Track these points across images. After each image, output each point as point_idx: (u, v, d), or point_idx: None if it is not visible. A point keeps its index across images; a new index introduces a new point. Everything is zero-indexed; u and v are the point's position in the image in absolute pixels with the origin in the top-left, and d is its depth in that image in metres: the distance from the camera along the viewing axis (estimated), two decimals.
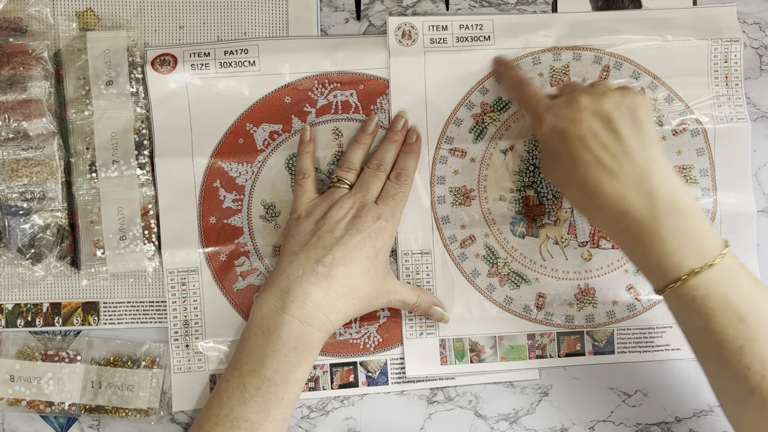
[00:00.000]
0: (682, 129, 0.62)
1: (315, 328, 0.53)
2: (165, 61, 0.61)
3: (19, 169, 0.59)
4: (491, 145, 0.62)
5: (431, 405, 0.62)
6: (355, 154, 0.60)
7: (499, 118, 0.62)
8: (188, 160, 0.61)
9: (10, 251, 0.59)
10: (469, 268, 0.62)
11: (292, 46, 0.62)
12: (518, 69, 0.60)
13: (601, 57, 0.62)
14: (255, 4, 0.62)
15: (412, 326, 0.61)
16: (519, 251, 0.62)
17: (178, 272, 0.61)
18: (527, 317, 0.62)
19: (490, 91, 0.62)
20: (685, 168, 0.62)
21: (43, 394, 0.59)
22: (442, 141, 0.62)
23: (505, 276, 0.62)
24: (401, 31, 0.62)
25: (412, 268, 0.61)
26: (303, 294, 0.53)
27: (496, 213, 0.62)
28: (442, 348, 0.61)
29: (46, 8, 0.61)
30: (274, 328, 0.52)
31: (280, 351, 0.52)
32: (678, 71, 0.62)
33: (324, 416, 0.61)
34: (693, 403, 0.62)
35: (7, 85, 0.59)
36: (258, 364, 0.52)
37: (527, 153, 0.62)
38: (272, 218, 0.62)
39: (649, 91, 0.62)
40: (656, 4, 0.63)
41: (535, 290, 0.62)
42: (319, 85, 0.62)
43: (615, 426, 0.62)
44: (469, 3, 0.63)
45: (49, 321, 0.61)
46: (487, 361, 0.61)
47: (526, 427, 0.62)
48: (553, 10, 0.63)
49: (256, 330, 0.53)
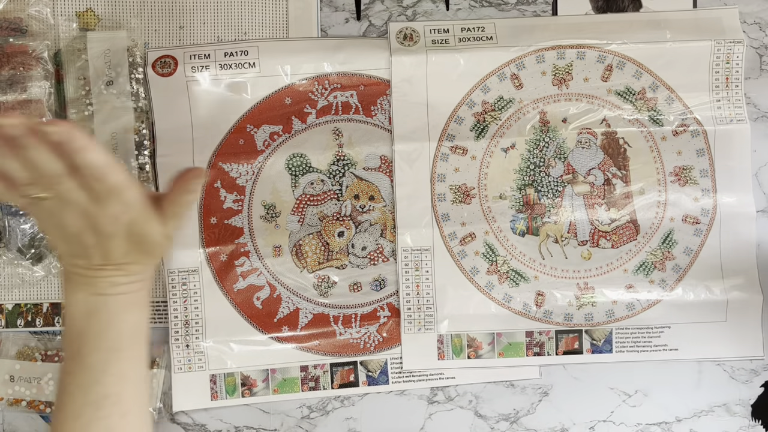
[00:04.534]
0: (682, 130, 0.62)
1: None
2: (166, 63, 0.61)
3: None
4: (492, 144, 0.62)
5: (431, 405, 0.62)
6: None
7: (500, 117, 0.62)
8: (189, 161, 0.61)
9: (11, 251, 0.59)
10: (468, 265, 0.62)
11: (292, 48, 0.62)
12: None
13: (604, 56, 0.62)
14: (255, 5, 0.62)
15: (410, 321, 0.61)
16: (519, 249, 0.62)
17: (179, 272, 0.61)
18: (526, 315, 0.62)
19: (492, 90, 0.62)
20: (685, 168, 0.62)
21: (43, 394, 0.59)
22: (443, 139, 0.62)
23: (505, 274, 0.62)
24: (402, 34, 0.62)
25: (411, 264, 0.61)
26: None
27: (497, 211, 0.62)
28: (440, 343, 0.61)
29: (46, 8, 0.61)
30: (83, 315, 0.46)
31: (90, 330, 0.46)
32: (679, 72, 0.62)
33: (324, 416, 0.61)
34: (693, 403, 0.62)
35: (7, 85, 0.59)
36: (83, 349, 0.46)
37: (528, 152, 0.62)
38: (272, 218, 0.62)
39: (650, 91, 0.62)
40: (656, 5, 0.63)
41: (535, 288, 0.62)
42: (320, 86, 0.62)
43: (615, 426, 0.62)
44: (469, 3, 0.63)
45: (50, 321, 0.61)
46: (484, 357, 0.61)
47: (526, 427, 0.62)
48: (554, 10, 0.63)
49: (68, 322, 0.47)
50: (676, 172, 0.62)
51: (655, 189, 0.62)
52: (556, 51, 0.62)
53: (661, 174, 0.62)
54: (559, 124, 0.62)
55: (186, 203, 0.48)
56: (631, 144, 0.62)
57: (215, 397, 0.61)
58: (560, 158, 0.62)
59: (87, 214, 0.43)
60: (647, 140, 0.62)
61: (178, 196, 0.47)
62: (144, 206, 0.44)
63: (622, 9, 0.63)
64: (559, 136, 0.62)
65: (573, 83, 0.62)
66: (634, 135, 0.62)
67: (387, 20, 0.63)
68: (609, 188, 0.62)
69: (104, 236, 0.44)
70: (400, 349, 0.62)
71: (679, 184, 0.62)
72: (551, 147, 0.62)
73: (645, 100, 0.62)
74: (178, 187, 0.47)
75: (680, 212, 0.62)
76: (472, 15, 0.63)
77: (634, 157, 0.62)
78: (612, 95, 0.62)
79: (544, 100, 0.62)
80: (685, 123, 0.62)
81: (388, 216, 0.62)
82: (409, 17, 0.63)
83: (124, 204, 0.43)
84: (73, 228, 0.43)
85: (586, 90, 0.62)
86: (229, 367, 0.61)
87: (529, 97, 0.62)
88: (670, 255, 0.62)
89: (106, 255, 0.44)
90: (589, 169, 0.62)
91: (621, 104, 0.62)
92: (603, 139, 0.62)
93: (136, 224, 0.44)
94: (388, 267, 0.62)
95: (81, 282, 0.45)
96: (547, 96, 0.62)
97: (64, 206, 0.43)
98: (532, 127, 0.62)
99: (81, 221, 0.43)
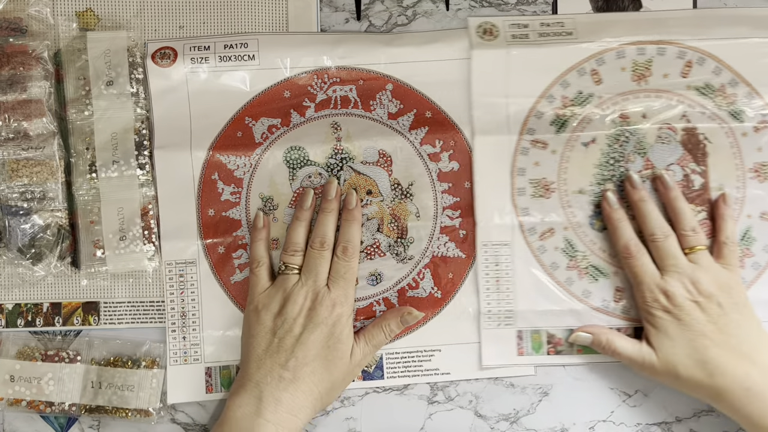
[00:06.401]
0: (763, 126, 0.62)
1: (287, 429, 0.54)
2: (165, 54, 0.61)
3: (20, 169, 0.59)
4: (573, 138, 0.62)
5: (431, 405, 0.62)
6: (297, 233, 0.59)
7: (580, 112, 0.62)
8: (187, 153, 0.61)
9: (11, 251, 0.59)
10: (548, 260, 0.62)
11: (292, 41, 0.62)
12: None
13: (684, 52, 0.62)
14: (255, 4, 0.62)
15: (489, 317, 0.61)
16: (598, 245, 0.62)
17: (176, 264, 0.61)
18: (605, 311, 0.62)
19: (571, 85, 0.62)
20: (765, 165, 0.62)
21: (43, 394, 0.59)
22: (524, 132, 0.62)
23: (584, 269, 0.62)
24: (482, 29, 0.62)
25: (491, 259, 0.62)
26: (275, 401, 0.54)
27: (576, 206, 0.62)
28: (519, 339, 0.61)
29: (46, 8, 0.61)
30: (249, 431, 0.53)
31: None
32: (759, 68, 0.62)
33: (324, 416, 0.61)
34: (693, 402, 0.62)
35: (7, 85, 0.59)
36: None
37: (608, 146, 0.62)
38: (270, 211, 0.62)
39: (729, 87, 0.62)
40: (656, 5, 0.63)
41: (614, 284, 0.62)
42: (319, 80, 0.62)
43: (615, 426, 0.62)
44: (469, 3, 0.63)
45: (50, 321, 0.61)
46: (563, 353, 0.62)
47: (526, 427, 0.62)
48: (553, 10, 0.63)
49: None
50: (755, 168, 0.62)
51: (733, 185, 0.62)
52: (636, 47, 0.62)
53: (740, 170, 0.62)
54: (639, 120, 0.62)
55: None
56: (711, 140, 0.62)
57: (210, 390, 0.61)
58: (639, 153, 0.62)
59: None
60: (728, 136, 0.62)
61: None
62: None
63: (622, 9, 0.63)
64: (639, 132, 0.62)
65: (652, 79, 0.62)
66: (714, 131, 0.62)
67: (467, 15, 0.63)
68: (687, 184, 0.62)
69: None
70: (396, 344, 0.61)
71: (759, 181, 0.62)
72: (631, 142, 0.62)
73: (725, 96, 0.62)
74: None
75: (758, 209, 0.62)
76: (472, 15, 0.63)
77: (714, 152, 0.62)
78: (691, 91, 0.62)
79: (623, 95, 0.62)
80: (765, 119, 0.62)
81: (386, 210, 0.62)
82: (409, 17, 0.63)
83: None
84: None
85: (665, 86, 0.62)
86: (225, 360, 0.61)
87: (608, 93, 0.62)
88: (749, 252, 0.62)
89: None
90: (668, 165, 0.62)
91: (700, 100, 0.62)
92: (683, 134, 0.62)
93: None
94: (385, 262, 0.62)
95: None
96: (626, 92, 0.62)
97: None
98: (612, 122, 0.62)
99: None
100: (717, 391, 0.55)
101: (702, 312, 0.56)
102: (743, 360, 0.55)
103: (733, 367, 0.55)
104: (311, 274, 0.58)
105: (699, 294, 0.56)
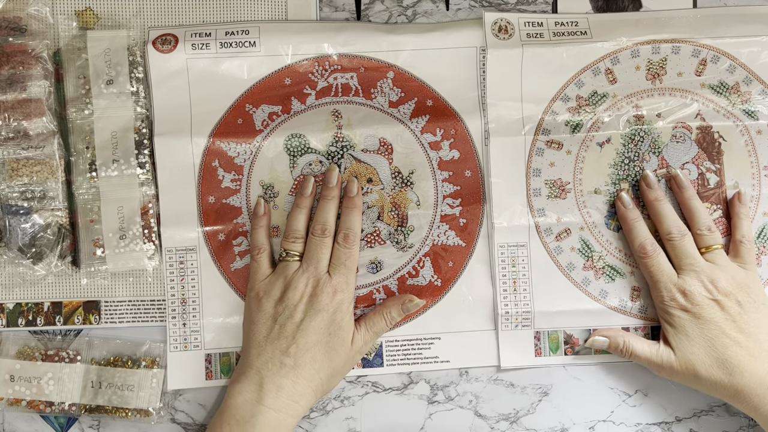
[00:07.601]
0: None
1: (288, 415, 0.54)
2: (166, 40, 0.61)
3: (20, 169, 0.59)
4: (588, 138, 0.62)
5: (431, 405, 0.62)
6: (298, 220, 0.59)
7: (595, 112, 0.62)
8: (187, 140, 0.61)
9: (11, 250, 0.59)
10: (564, 261, 0.62)
11: (293, 29, 0.62)
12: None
13: (699, 50, 0.62)
14: (254, 4, 0.62)
15: (507, 318, 0.61)
16: (614, 245, 0.62)
17: (177, 250, 0.61)
18: (622, 311, 0.62)
19: (586, 85, 0.62)
20: None
21: (43, 394, 0.59)
22: (539, 133, 0.62)
23: (600, 269, 0.62)
24: (497, 26, 0.62)
25: (507, 260, 0.62)
26: (276, 387, 0.54)
27: (591, 206, 0.62)
28: (537, 340, 0.62)
29: (45, 7, 0.61)
30: (249, 417, 0.53)
31: None
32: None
33: (324, 416, 0.61)
34: (693, 402, 0.62)
35: (7, 84, 0.58)
36: None
37: (623, 146, 0.62)
38: (270, 198, 0.62)
39: (743, 85, 0.62)
40: (656, 5, 0.63)
41: (630, 283, 0.62)
42: (320, 67, 0.62)
43: (615, 426, 0.62)
44: (469, 3, 0.63)
45: (51, 320, 0.61)
46: (581, 354, 0.62)
47: (526, 427, 0.62)
48: (553, 9, 0.63)
49: (230, 420, 0.54)
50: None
51: (748, 183, 0.62)
52: (651, 45, 0.62)
53: (755, 168, 0.62)
54: (653, 119, 0.62)
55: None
56: (726, 138, 0.62)
57: (210, 377, 0.61)
58: (654, 152, 0.62)
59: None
60: (743, 134, 0.62)
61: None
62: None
63: (622, 9, 0.63)
64: (654, 131, 0.62)
65: (666, 78, 0.62)
66: (729, 129, 0.62)
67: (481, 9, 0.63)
68: (702, 182, 0.62)
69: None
70: (396, 332, 0.61)
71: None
72: (646, 141, 0.62)
73: (739, 94, 0.62)
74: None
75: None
76: (472, 15, 0.63)
77: (728, 151, 0.62)
78: (705, 89, 0.62)
79: (637, 95, 0.62)
80: None
81: (386, 199, 0.62)
82: (409, 17, 0.63)
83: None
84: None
85: (679, 84, 0.62)
86: (225, 346, 0.61)
87: (622, 92, 0.62)
88: (765, 250, 0.62)
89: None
90: (683, 164, 0.62)
91: (715, 98, 0.62)
92: (698, 133, 0.62)
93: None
94: (385, 250, 0.62)
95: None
96: (641, 91, 0.62)
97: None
98: (627, 122, 0.62)
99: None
100: (736, 390, 0.55)
101: (721, 310, 0.56)
102: (763, 358, 0.55)
103: (753, 365, 0.55)
104: (312, 260, 0.58)
105: (718, 292, 0.56)
